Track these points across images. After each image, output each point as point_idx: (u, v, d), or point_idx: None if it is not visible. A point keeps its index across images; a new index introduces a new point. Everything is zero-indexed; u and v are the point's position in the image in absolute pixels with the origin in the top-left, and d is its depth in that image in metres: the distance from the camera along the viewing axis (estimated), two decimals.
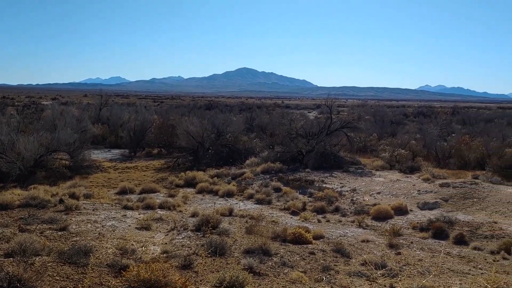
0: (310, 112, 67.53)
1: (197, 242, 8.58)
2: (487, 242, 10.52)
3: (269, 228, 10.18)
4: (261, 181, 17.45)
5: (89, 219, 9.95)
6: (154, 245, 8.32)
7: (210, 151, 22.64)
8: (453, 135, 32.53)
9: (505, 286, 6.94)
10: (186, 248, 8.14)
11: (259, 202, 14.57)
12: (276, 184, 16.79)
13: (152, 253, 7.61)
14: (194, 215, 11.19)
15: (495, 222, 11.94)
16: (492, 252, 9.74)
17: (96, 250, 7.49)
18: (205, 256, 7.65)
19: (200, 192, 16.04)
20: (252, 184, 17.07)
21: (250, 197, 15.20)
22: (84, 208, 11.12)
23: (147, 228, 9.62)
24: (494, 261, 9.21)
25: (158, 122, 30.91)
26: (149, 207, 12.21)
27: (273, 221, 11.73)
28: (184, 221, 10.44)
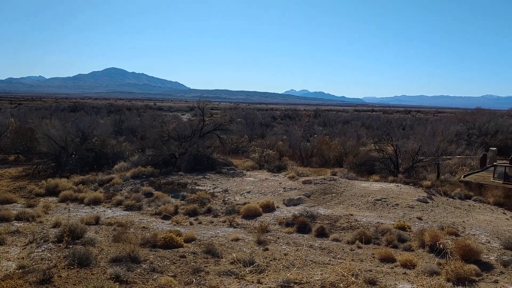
0: (184, 115, 67.25)
1: (59, 254, 8.01)
2: (344, 233, 11.46)
3: (139, 234, 9.94)
4: (131, 187, 16.90)
5: None
6: (8, 260, 7.58)
7: (74, 156, 21.22)
8: (315, 135, 34.98)
9: (359, 272, 7.68)
10: (46, 262, 7.57)
11: (129, 208, 14.08)
12: (147, 189, 16.40)
13: (6, 270, 6.93)
14: (56, 225, 10.44)
15: (351, 215, 13.13)
16: (349, 242, 10.67)
17: None
18: (68, 268, 7.19)
19: (63, 200, 14.95)
20: (121, 190, 16.44)
21: (118, 203, 14.60)
22: None
23: (0, 242, 8.72)
24: (350, 250, 10.11)
25: (15, 126, 28.13)
26: (3, 219, 11.07)
27: (144, 227, 11.45)
28: (44, 233, 9.69)
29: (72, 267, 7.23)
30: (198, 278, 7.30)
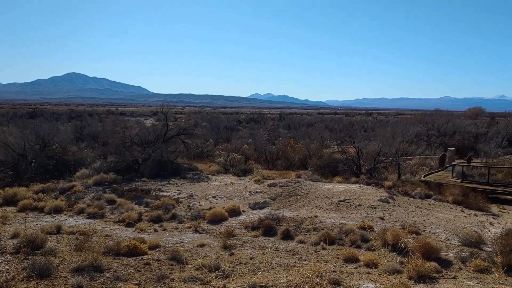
0: (147, 119, 66.31)
1: (18, 265, 7.74)
2: (309, 235, 11.57)
3: (102, 243, 9.71)
4: (93, 194, 16.51)
5: None
6: None
7: (33, 164, 20.54)
8: (280, 139, 35.25)
9: (323, 273, 7.79)
10: (4, 274, 7.29)
11: (91, 216, 13.74)
12: (110, 196, 16.06)
13: None
14: (14, 236, 10.06)
15: (316, 216, 13.29)
16: (313, 244, 10.78)
17: None
18: (27, 280, 6.96)
19: (22, 210, 14.43)
20: (83, 198, 16.03)
21: (81, 212, 14.22)
22: None
23: None
24: (315, 252, 10.23)
25: None
26: None
27: (107, 235, 11.21)
28: (2, 244, 9.32)
29: (31, 279, 7.00)
30: (163, 285, 7.21)
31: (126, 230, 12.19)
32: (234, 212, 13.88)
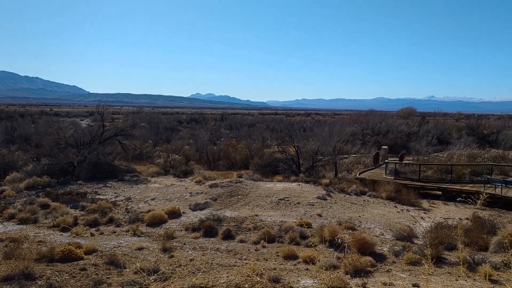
0: (83, 120, 63.87)
1: None
2: (250, 234, 11.66)
3: (34, 249, 9.28)
4: (25, 198, 15.70)
5: None
6: None
7: None
8: (222, 139, 35.22)
9: (263, 271, 7.88)
10: None
11: (23, 222, 13.05)
12: (44, 200, 15.33)
13: None
14: None
15: (257, 215, 13.43)
16: (254, 243, 10.91)
17: None
18: None
19: None
20: (14, 203, 15.20)
21: (11, 217, 13.46)
22: None
23: None
24: (256, 250, 10.34)
25: None
26: None
27: (40, 241, 10.72)
28: None
29: None
30: None
31: (61, 235, 11.71)
32: (174, 214, 13.70)
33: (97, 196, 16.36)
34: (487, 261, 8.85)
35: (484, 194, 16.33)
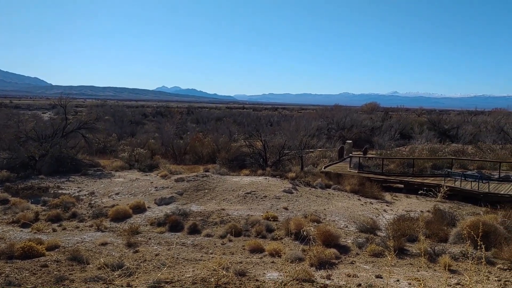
0: (45, 113, 61.89)
1: None
2: (216, 228, 11.66)
3: None
4: None
5: None
6: None
7: None
8: (188, 133, 34.95)
9: (229, 265, 7.90)
10: None
11: None
12: (3, 195, 14.83)
13: None
14: None
15: (223, 209, 13.43)
16: (221, 237, 10.90)
17: None
18: None
19: None
20: None
21: None
22: None
23: None
24: (222, 244, 10.34)
25: None
26: None
27: None
28: None
29: None
30: (61, 287, 6.85)
31: (21, 231, 11.36)
32: (139, 208, 13.53)
33: (60, 191, 15.97)
34: (446, 252, 9.16)
35: (445, 187, 16.88)
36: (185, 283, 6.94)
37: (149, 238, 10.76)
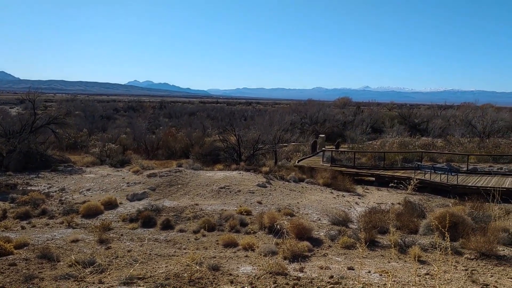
0: (12, 108, 60.15)
1: None
2: (190, 223, 11.57)
3: None
4: None
5: None
6: None
7: None
8: (161, 128, 34.62)
9: (203, 259, 7.88)
10: None
11: None
12: None
13: None
14: None
15: (197, 204, 13.36)
16: (194, 232, 10.84)
17: None
18: None
19: None
20: None
21: None
22: None
23: None
24: (195, 239, 10.29)
25: None
26: None
27: None
28: None
29: None
30: (31, 286, 6.70)
31: None
32: (111, 204, 13.34)
33: (29, 188, 15.61)
34: (416, 243, 9.36)
35: (415, 180, 17.27)
36: (158, 279, 6.89)
37: (121, 235, 10.63)
